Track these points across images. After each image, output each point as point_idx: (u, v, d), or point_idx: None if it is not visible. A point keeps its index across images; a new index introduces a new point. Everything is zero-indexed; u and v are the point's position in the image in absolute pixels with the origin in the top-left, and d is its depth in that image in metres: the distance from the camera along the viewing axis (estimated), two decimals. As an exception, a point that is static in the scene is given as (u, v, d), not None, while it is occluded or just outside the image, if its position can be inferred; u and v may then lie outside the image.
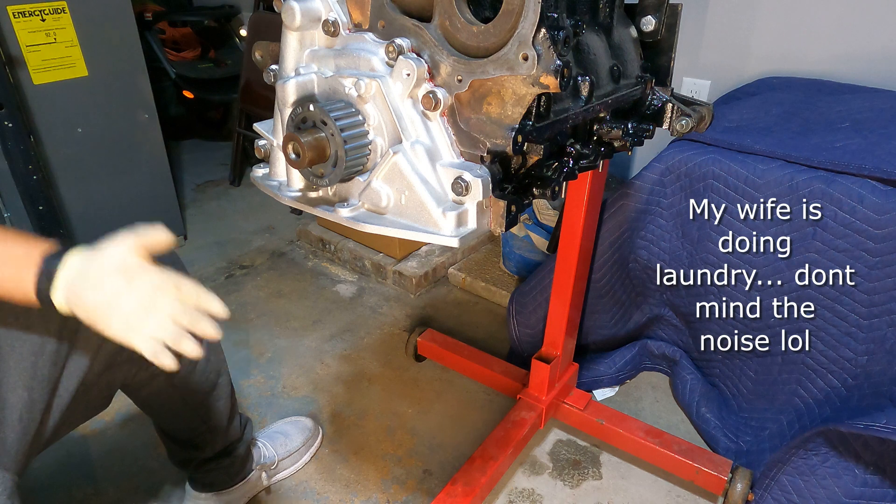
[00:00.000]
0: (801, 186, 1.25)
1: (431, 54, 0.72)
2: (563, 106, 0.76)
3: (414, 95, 0.73)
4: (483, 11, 0.74)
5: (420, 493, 1.47)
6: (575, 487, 1.49)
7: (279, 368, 1.89)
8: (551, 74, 0.65)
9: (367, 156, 0.76)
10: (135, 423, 1.68)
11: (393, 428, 1.66)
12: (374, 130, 0.75)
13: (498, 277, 2.25)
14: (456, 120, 0.73)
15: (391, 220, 0.75)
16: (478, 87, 0.70)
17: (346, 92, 0.75)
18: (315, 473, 1.53)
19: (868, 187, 1.19)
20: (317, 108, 0.72)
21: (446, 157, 0.74)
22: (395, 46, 0.73)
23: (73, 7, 2.00)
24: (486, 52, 0.69)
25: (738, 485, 1.33)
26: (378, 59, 0.75)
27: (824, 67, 1.91)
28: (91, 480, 1.51)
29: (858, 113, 1.48)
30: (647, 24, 0.93)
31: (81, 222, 2.24)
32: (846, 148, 1.28)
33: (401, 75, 0.72)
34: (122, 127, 2.27)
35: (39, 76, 1.99)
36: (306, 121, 0.74)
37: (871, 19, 1.80)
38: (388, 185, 0.74)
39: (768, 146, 1.32)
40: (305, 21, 0.79)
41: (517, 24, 0.65)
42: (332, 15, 0.79)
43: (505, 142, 0.69)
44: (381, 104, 0.73)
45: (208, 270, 2.44)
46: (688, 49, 2.15)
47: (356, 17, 0.79)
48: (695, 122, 0.94)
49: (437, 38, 0.72)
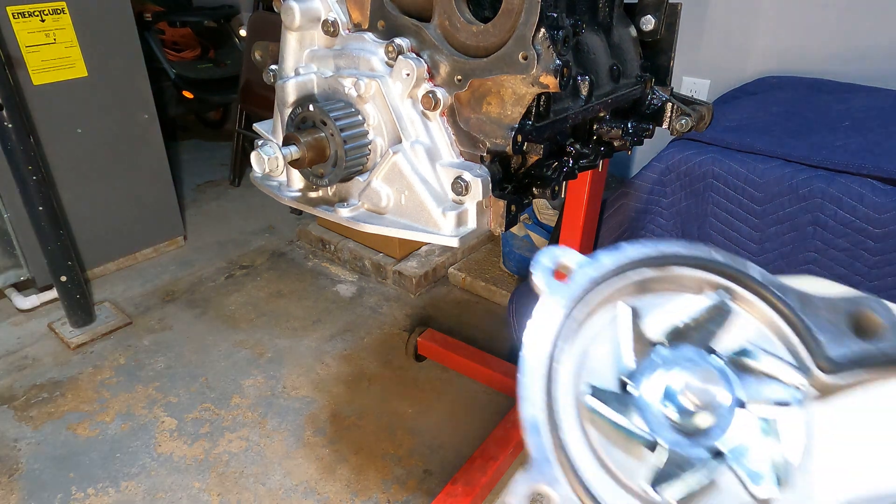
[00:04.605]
0: (801, 186, 1.25)
1: (431, 54, 0.72)
2: (563, 105, 0.76)
3: (414, 95, 0.73)
4: (483, 11, 0.74)
5: (420, 493, 1.47)
6: (575, 487, 1.49)
7: (279, 368, 1.89)
8: (551, 74, 0.65)
9: (367, 156, 0.76)
10: (135, 424, 1.69)
11: (393, 428, 1.66)
12: (374, 130, 0.75)
13: (498, 277, 2.25)
14: (456, 120, 0.73)
15: (391, 220, 0.75)
16: (477, 87, 0.70)
17: (345, 92, 0.75)
18: (315, 473, 1.53)
19: (868, 186, 1.19)
20: (316, 108, 0.72)
21: (446, 156, 0.74)
22: (395, 46, 0.73)
23: (72, 7, 2.00)
24: (485, 51, 0.69)
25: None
26: (378, 59, 0.75)
27: (824, 66, 1.91)
28: (91, 480, 1.51)
29: (858, 112, 1.48)
30: (646, 23, 0.93)
31: (81, 222, 2.24)
32: (846, 147, 1.28)
33: (400, 75, 0.72)
34: (121, 127, 2.27)
35: (39, 76, 1.99)
36: (306, 121, 0.74)
37: (872, 19, 1.80)
38: (387, 185, 0.74)
39: (768, 145, 1.32)
40: (305, 21, 0.79)
41: (517, 24, 0.65)
42: (331, 15, 0.79)
43: (505, 141, 0.69)
44: (381, 104, 0.73)
45: (208, 270, 2.44)
46: (687, 48, 2.15)
47: (356, 17, 0.78)
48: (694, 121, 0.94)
49: (437, 38, 0.72)
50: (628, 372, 0.33)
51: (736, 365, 0.34)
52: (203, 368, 1.90)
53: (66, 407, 1.75)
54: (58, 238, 1.93)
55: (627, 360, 0.33)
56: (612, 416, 0.31)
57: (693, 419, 0.32)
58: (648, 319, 0.35)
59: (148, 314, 2.17)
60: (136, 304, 2.23)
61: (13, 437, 1.64)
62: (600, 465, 0.32)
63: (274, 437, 1.65)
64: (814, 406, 0.34)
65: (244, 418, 1.71)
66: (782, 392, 0.33)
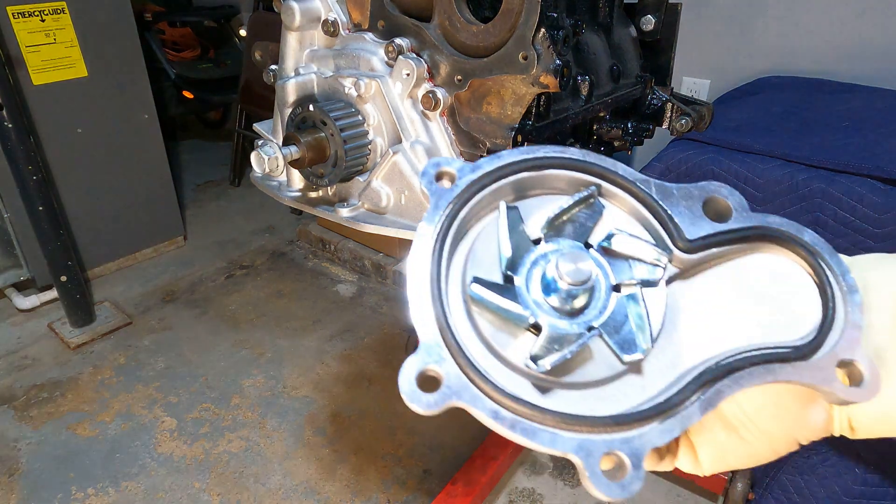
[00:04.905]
0: (801, 186, 1.25)
1: (431, 54, 0.72)
2: (563, 105, 0.76)
3: (414, 95, 0.73)
4: (483, 11, 0.74)
5: (420, 493, 1.47)
6: (575, 487, 1.49)
7: (279, 368, 1.89)
8: (551, 74, 0.65)
9: (367, 156, 0.76)
10: (135, 424, 1.68)
11: (393, 428, 1.66)
12: (374, 130, 0.75)
13: (498, 277, 2.25)
14: (456, 120, 0.73)
15: (391, 220, 0.75)
16: (477, 87, 0.70)
17: (345, 92, 0.75)
18: (315, 473, 1.53)
19: (868, 186, 1.19)
20: (316, 108, 0.72)
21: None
22: (395, 46, 0.73)
23: (72, 7, 2.00)
24: (485, 51, 0.69)
25: (738, 484, 1.32)
26: (378, 59, 0.75)
27: (824, 67, 1.91)
28: (91, 480, 1.51)
29: (858, 112, 1.48)
30: (646, 23, 0.93)
31: (81, 222, 2.24)
32: (846, 147, 1.28)
33: (400, 75, 0.72)
34: (121, 127, 2.27)
35: (39, 76, 1.99)
36: (306, 121, 0.74)
37: (872, 19, 1.80)
38: (387, 185, 0.74)
39: (768, 145, 1.32)
40: (305, 21, 0.79)
41: (517, 24, 0.65)
42: (331, 15, 0.79)
43: (505, 141, 0.69)
44: (381, 104, 0.73)
45: (208, 270, 2.44)
46: (688, 48, 2.15)
47: (356, 16, 0.78)
48: (694, 121, 0.94)
49: (437, 38, 0.72)
50: (511, 264, 0.36)
51: (607, 252, 0.37)
52: (203, 368, 1.90)
53: (66, 407, 1.75)
54: (58, 238, 1.93)
55: (505, 250, 0.36)
56: (493, 299, 0.34)
57: (570, 302, 0.35)
58: (530, 221, 0.39)
59: (148, 314, 2.17)
60: (136, 304, 2.23)
61: (13, 437, 1.64)
62: (486, 347, 0.36)
63: (274, 437, 1.65)
64: (676, 283, 0.39)
65: (244, 418, 1.71)
66: (648, 272, 0.37)
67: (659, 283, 0.37)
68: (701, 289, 0.39)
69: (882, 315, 0.38)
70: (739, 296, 0.39)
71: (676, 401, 0.34)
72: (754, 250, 0.39)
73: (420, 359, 0.34)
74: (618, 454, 0.33)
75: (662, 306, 0.37)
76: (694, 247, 0.37)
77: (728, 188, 0.39)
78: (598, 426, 0.33)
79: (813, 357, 0.36)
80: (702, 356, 0.37)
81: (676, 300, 0.39)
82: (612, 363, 0.35)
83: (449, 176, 0.38)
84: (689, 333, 0.38)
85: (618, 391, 0.36)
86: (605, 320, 0.36)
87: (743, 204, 0.38)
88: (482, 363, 0.35)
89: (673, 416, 0.34)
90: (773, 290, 0.39)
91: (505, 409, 0.33)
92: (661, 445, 0.33)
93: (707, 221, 0.38)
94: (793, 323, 0.38)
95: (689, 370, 0.36)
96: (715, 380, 0.35)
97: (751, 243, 0.38)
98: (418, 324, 0.35)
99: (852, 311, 0.36)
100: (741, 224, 0.38)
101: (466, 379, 0.33)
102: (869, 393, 0.35)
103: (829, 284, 0.37)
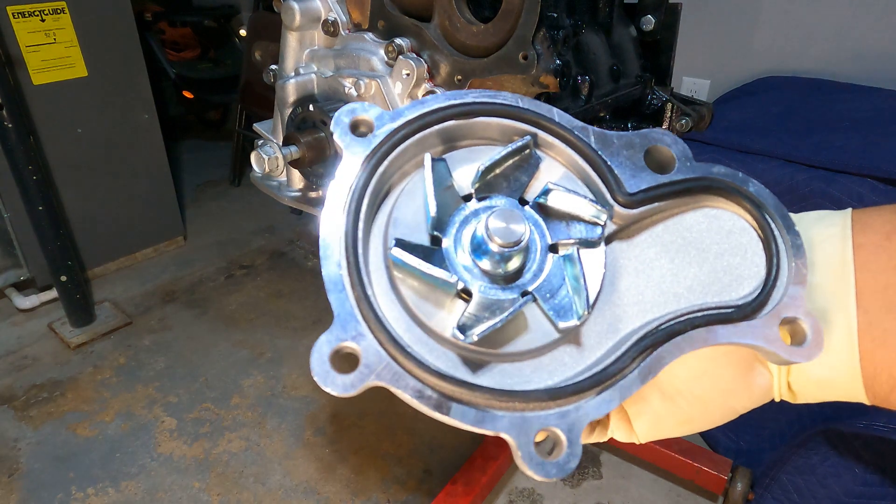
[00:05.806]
0: (801, 186, 1.25)
1: (431, 54, 0.72)
2: (563, 106, 0.76)
3: (414, 95, 0.73)
4: (483, 11, 0.74)
5: (420, 492, 1.47)
6: (575, 487, 1.49)
7: (279, 368, 1.89)
8: (551, 74, 0.65)
9: (367, 155, 0.76)
10: (135, 424, 1.69)
11: (393, 428, 1.66)
12: (374, 130, 0.75)
13: (498, 277, 2.25)
14: (456, 120, 0.73)
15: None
16: (477, 87, 0.70)
17: (345, 92, 0.75)
18: (315, 473, 1.53)
19: (868, 186, 1.19)
20: (316, 108, 0.72)
21: (446, 156, 0.74)
22: (395, 46, 0.73)
23: (72, 7, 2.00)
24: (485, 51, 0.69)
25: (738, 484, 1.32)
26: (378, 59, 0.75)
27: (824, 67, 1.91)
28: (91, 480, 1.51)
29: (858, 113, 1.48)
30: (646, 23, 0.93)
31: (81, 222, 2.24)
32: (846, 147, 1.28)
33: (400, 75, 0.72)
34: (121, 127, 2.27)
35: (39, 76, 1.99)
36: (306, 121, 0.74)
37: (871, 19, 1.80)
38: (387, 185, 0.74)
39: (768, 145, 1.32)
40: (305, 21, 0.79)
41: (517, 24, 0.65)
42: (331, 15, 0.79)
43: (504, 141, 0.69)
44: (381, 104, 0.73)
45: (208, 270, 2.44)
46: (687, 48, 2.15)
47: (356, 16, 0.79)
48: (694, 121, 0.94)
49: (437, 38, 0.72)
50: (437, 223, 0.32)
51: (543, 209, 0.34)
52: (203, 368, 1.90)
53: (66, 407, 1.75)
54: (58, 238, 1.93)
55: (432, 208, 0.32)
56: (417, 264, 0.30)
57: (502, 266, 0.32)
58: (460, 175, 0.35)
59: (148, 314, 2.17)
60: (136, 304, 2.23)
61: (13, 437, 1.64)
62: (410, 318, 0.32)
63: (274, 437, 1.65)
64: (616, 242, 0.36)
65: (244, 418, 1.71)
66: (586, 230, 0.34)
67: (598, 242, 0.34)
68: (642, 247, 0.36)
69: (825, 274, 0.36)
70: (682, 254, 0.36)
71: (615, 370, 0.32)
72: (698, 203, 0.36)
73: (334, 335, 0.30)
74: (553, 430, 0.30)
75: (601, 267, 0.34)
76: (634, 201, 0.34)
77: (672, 136, 0.36)
78: (532, 401, 0.30)
79: (756, 316, 0.33)
80: (643, 319, 0.34)
81: (616, 260, 0.36)
82: (547, 330, 0.33)
83: (366, 124, 0.34)
84: (630, 296, 0.35)
85: (555, 360, 0.33)
86: (539, 284, 0.33)
87: (687, 153, 0.35)
88: (406, 337, 0.32)
89: (611, 386, 0.31)
90: (717, 246, 0.36)
91: (430, 387, 0.30)
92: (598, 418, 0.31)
93: (649, 173, 0.35)
94: (736, 281, 0.35)
95: (629, 335, 0.34)
96: (655, 345, 0.32)
97: (694, 196, 0.36)
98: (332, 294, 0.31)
99: (797, 267, 0.34)
100: (684, 175, 0.35)
101: (387, 355, 0.30)
102: (812, 352, 0.33)
103: (773, 239, 0.35)
